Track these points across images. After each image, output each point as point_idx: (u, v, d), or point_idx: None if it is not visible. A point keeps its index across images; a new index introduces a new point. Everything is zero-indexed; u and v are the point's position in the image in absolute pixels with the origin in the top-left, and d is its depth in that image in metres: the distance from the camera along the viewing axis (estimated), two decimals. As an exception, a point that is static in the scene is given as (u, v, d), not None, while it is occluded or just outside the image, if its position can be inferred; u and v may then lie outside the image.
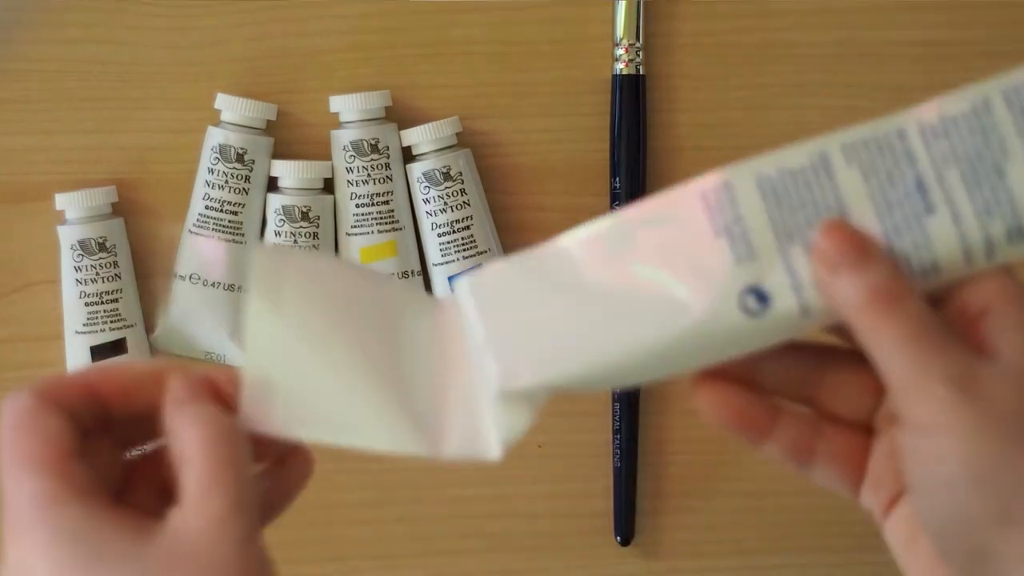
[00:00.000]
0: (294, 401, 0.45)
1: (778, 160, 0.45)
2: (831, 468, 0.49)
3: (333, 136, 0.72)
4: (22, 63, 0.72)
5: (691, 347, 0.45)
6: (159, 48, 0.72)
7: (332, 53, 0.72)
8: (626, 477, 0.73)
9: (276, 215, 0.71)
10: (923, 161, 0.44)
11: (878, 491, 0.49)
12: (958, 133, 0.44)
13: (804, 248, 0.44)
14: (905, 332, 0.43)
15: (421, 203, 0.71)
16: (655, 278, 0.45)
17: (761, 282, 0.44)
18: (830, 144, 0.44)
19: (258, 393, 0.44)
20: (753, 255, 0.44)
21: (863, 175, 0.44)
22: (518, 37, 0.73)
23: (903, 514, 0.48)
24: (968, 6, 0.73)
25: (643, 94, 0.72)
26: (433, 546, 0.74)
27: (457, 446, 0.46)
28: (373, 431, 0.46)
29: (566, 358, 0.45)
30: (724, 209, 0.44)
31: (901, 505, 0.48)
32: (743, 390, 0.48)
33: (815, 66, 0.74)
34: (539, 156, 0.73)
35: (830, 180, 0.44)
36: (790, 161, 0.45)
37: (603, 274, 0.45)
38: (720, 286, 0.44)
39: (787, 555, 0.74)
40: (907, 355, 0.43)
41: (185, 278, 0.71)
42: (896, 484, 0.48)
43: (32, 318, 0.72)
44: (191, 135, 0.72)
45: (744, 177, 0.45)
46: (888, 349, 0.43)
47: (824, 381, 0.48)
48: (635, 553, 0.74)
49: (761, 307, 0.44)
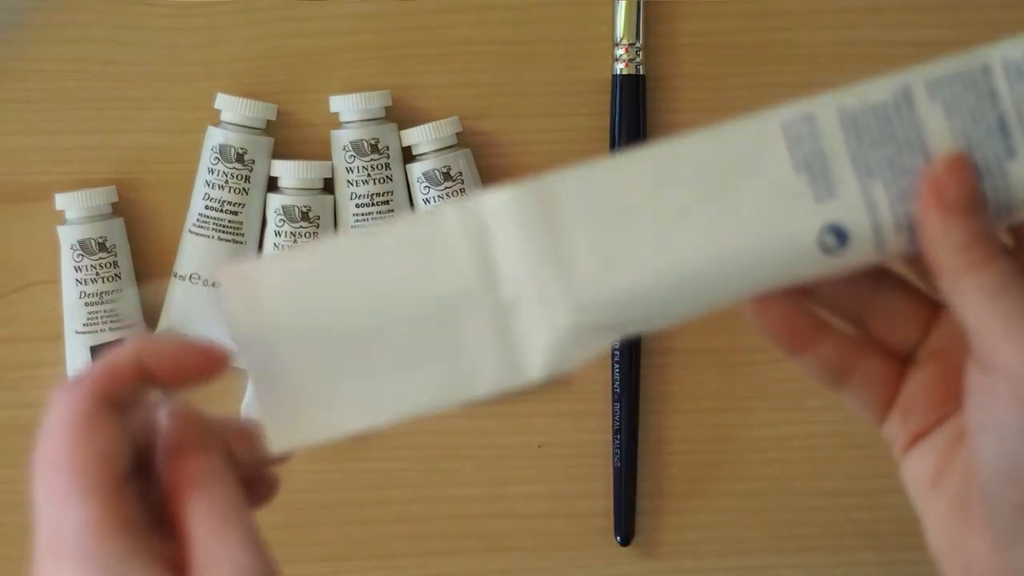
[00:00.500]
0: (316, 407, 0.44)
1: (861, 93, 0.44)
2: (864, 390, 0.49)
3: (333, 136, 0.72)
4: (22, 63, 0.72)
5: (762, 277, 0.44)
6: (159, 48, 0.72)
7: (332, 53, 0.72)
8: (626, 477, 0.73)
9: (276, 215, 0.71)
10: (1006, 100, 0.43)
11: (906, 421, 0.48)
12: None
13: (884, 185, 0.43)
14: (1002, 280, 0.43)
15: (421, 203, 0.71)
16: (736, 202, 0.44)
17: (841, 220, 0.44)
18: (913, 78, 0.44)
19: (277, 416, 0.43)
20: (833, 192, 0.44)
21: (946, 112, 0.43)
22: (518, 37, 0.73)
23: (930, 449, 0.48)
24: (968, 6, 0.73)
25: (643, 94, 0.72)
26: (433, 546, 0.74)
27: (491, 381, 0.44)
28: (404, 399, 0.44)
29: (641, 266, 0.43)
30: (805, 142, 0.44)
31: (927, 441, 0.48)
32: (791, 300, 0.47)
33: (815, 66, 0.74)
34: (539, 156, 0.73)
35: (912, 115, 0.43)
36: (873, 95, 0.44)
37: (694, 187, 0.44)
38: (799, 222, 0.44)
39: (787, 555, 0.74)
40: (1002, 302, 0.43)
41: (185, 278, 0.71)
42: (926, 418, 0.48)
43: (32, 318, 0.72)
44: (191, 135, 0.72)
45: (827, 109, 0.44)
46: (982, 295, 0.43)
47: (875, 304, 0.48)
48: (635, 553, 0.74)
49: (839, 245, 0.44)
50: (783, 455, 0.74)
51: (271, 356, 0.44)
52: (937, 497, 0.47)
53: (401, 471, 0.74)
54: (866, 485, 0.74)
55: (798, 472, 0.74)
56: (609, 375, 0.73)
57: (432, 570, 0.74)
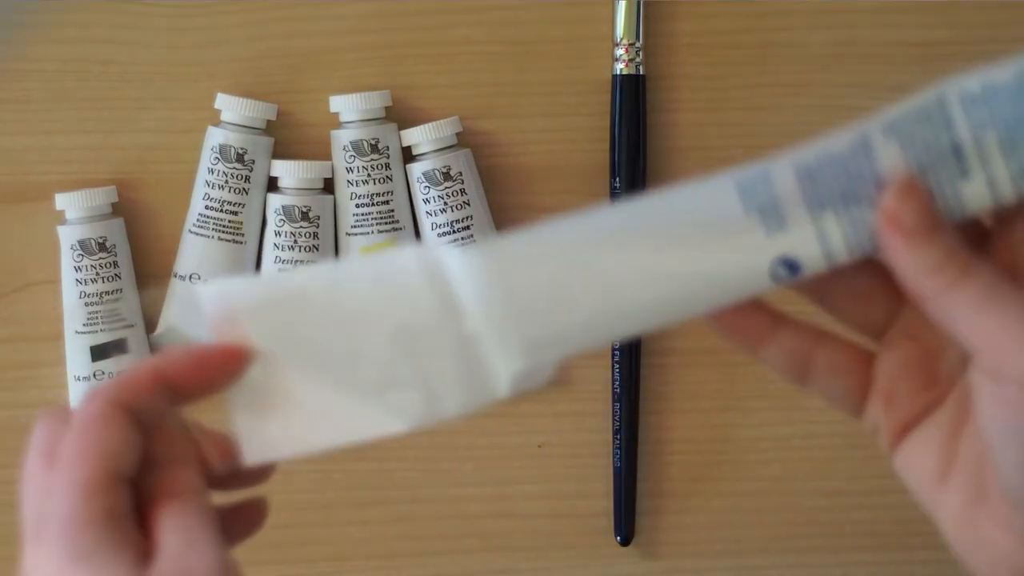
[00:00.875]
0: (288, 423, 0.46)
1: (819, 148, 0.44)
2: (832, 379, 0.48)
3: (333, 136, 0.72)
4: (22, 63, 0.72)
5: (715, 305, 0.46)
6: (159, 48, 0.72)
7: (332, 53, 0.72)
8: (626, 477, 0.73)
9: (276, 215, 0.71)
10: (962, 127, 0.43)
11: (889, 408, 0.48)
12: (998, 100, 0.43)
13: (836, 214, 0.44)
14: (986, 290, 0.43)
15: (421, 203, 0.71)
16: (686, 244, 0.45)
17: (793, 252, 0.44)
18: (871, 127, 0.44)
19: (250, 430, 0.46)
20: (784, 226, 0.44)
21: (901, 145, 0.44)
22: (518, 37, 0.73)
23: (927, 441, 0.47)
24: (968, 6, 0.73)
25: (643, 94, 0.72)
26: (433, 546, 0.74)
27: (459, 402, 0.46)
28: (374, 419, 0.46)
29: (592, 306, 0.45)
30: (758, 191, 0.44)
31: (921, 432, 0.47)
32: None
33: (815, 66, 0.74)
34: (539, 156, 0.73)
35: (868, 155, 0.44)
36: (831, 147, 0.44)
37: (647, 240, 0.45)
38: (750, 257, 0.44)
39: (787, 555, 0.74)
40: (995, 310, 0.43)
41: (185, 278, 0.71)
42: (912, 406, 0.47)
43: (32, 318, 0.72)
44: (191, 135, 0.72)
45: (783, 166, 0.44)
46: (970, 309, 0.43)
47: (841, 283, 0.47)
48: (635, 553, 0.74)
49: (791, 275, 0.44)
50: (783, 455, 0.74)
51: (247, 373, 0.46)
52: (949, 494, 0.46)
53: (401, 471, 0.74)
54: (866, 485, 0.74)
55: (798, 472, 0.74)
56: (609, 375, 0.73)
57: (432, 570, 0.74)
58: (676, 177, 0.72)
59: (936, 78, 0.76)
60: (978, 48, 0.73)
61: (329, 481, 0.74)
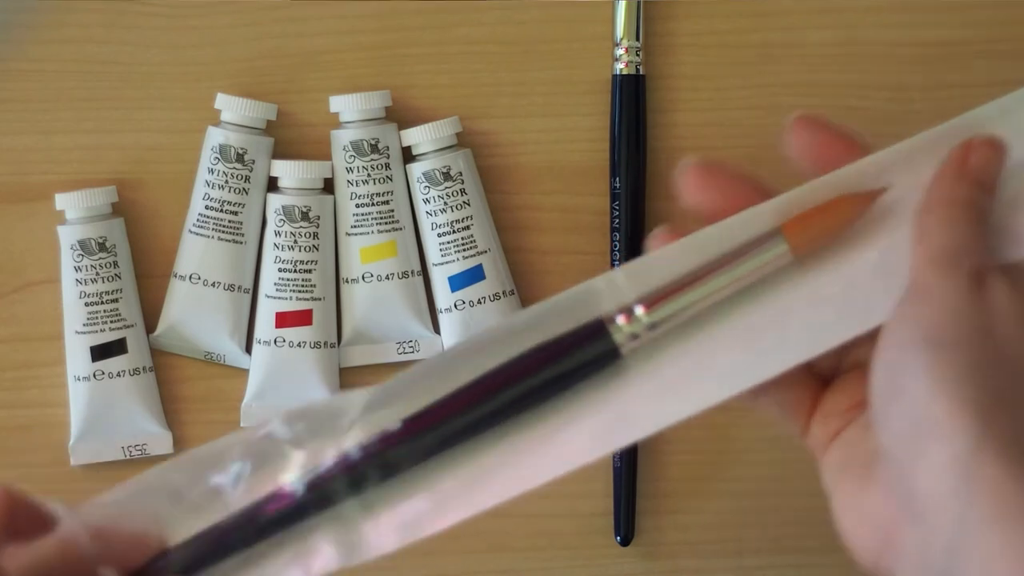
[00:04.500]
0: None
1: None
2: (786, 394, 0.50)
3: (333, 136, 0.72)
4: (22, 63, 0.72)
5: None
6: (159, 48, 0.72)
7: (332, 53, 0.72)
8: (626, 477, 0.73)
9: (276, 215, 0.71)
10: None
11: (825, 425, 0.50)
12: None
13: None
14: (965, 223, 0.46)
15: (421, 203, 0.71)
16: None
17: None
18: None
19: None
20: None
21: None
22: (518, 37, 0.73)
23: (843, 441, 0.49)
24: (968, 6, 0.73)
25: (643, 94, 0.72)
26: (433, 546, 0.74)
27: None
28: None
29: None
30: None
31: (842, 435, 0.49)
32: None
33: (815, 66, 0.74)
34: (539, 156, 0.73)
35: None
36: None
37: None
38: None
39: (787, 555, 0.74)
40: (954, 234, 0.46)
41: (185, 278, 0.71)
42: (842, 418, 0.49)
43: (32, 318, 0.72)
44: (191, 135, 0.72)
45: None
46: (944, 224, 0.46)
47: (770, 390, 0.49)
48: (635, 553, 0.74)
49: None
50: (783, 455, 0.74)
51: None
52: (846, 476, 0.48)
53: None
54: (866, 485, 0.74)
55: (798, 472, 0.74)
56: (609, 375, 0.73)
57: (432, 570, 0.74)
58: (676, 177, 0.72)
59: (936, 78, 0.76)
60: (978, 48, 0.73)
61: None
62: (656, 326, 0.48)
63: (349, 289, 0.72)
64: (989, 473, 0.42)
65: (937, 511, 0.43)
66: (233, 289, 0.71)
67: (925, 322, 0.45)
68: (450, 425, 0.48)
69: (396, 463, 0.48)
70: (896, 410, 0.45)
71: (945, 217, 0.46)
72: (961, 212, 0.46)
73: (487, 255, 0.71)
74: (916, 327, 0.45)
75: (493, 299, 0.71)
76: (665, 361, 0.48)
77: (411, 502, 0.49)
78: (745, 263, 0.48)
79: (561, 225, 0.73)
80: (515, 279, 0.73)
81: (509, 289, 0.72)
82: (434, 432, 0.48)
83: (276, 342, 0.71)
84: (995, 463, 0.42)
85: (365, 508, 0.48)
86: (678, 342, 0.48)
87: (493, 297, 0.71)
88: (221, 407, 0.73)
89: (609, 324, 0.48)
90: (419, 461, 0.48)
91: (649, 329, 0.48)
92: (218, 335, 0.72)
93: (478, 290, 0.71)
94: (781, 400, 0.51)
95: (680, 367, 0.48)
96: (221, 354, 0.72)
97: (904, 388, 0.44)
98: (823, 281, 0.48)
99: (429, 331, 0.72)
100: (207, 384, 0.73)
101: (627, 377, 0.48)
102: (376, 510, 0.48)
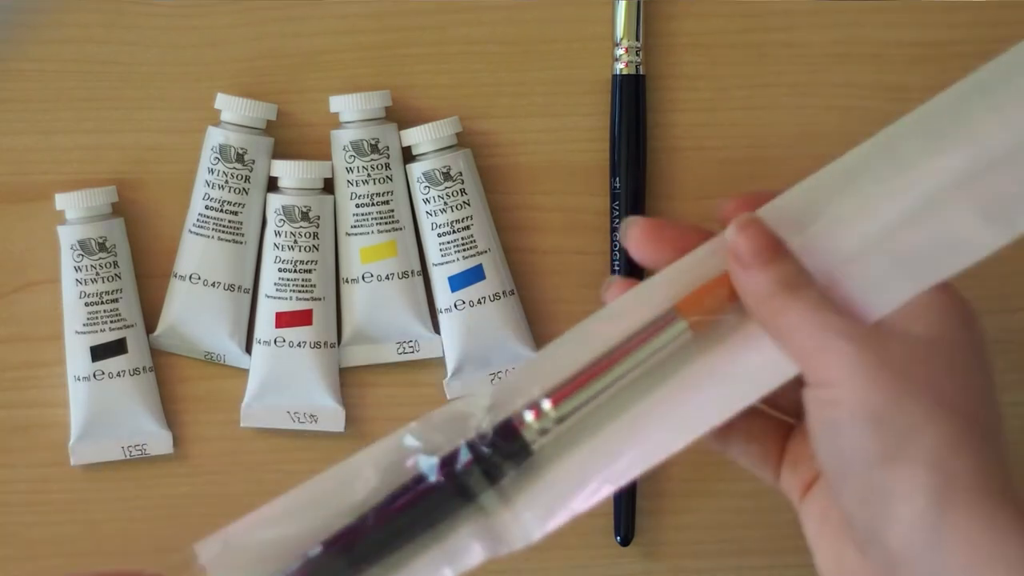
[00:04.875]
0: None
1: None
2: (749, 446, 0.52)
3: (333, 136, 0.72)
4: (22, 63, 0.72)
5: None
6: (159, 48, 0.72)
7: (332, 53, 0.72)
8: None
9: (276, 215, 0.71)
10: None
11: (795, 471, 0.51)
12: None
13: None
14: (809, 306, 0.46)
15: (421, 203, 0.71)
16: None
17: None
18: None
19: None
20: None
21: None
22: (518, 37, 0.73)
23: (820, 492, 0.50)
24: (968, 6, 0.73)
25: (643, 94, 0.72)
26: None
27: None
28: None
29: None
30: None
31: (818, 485, 0.50)
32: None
33: (815, 66, 0.73)
34: (539, 156, 0.73)
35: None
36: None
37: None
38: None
39: (787, 555, 0.74)
40: (811, 324, 0.46)
41: (185, 278, 0.71)
42: (812, 464, 0.50)
43: (32, 318, 0.72)
44: (191, 135, 0.72)
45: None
46: (793, 324, 0.46)
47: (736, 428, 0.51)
48: (635, 553, 0.74)
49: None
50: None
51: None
52: (825, 532, 0.49)
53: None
54: (866, 485, 0.74)
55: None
56: (609, 375, 0.73)
57: (432, 570, 0.74)
58: (676, 177, 0.72)
59: (936, 78, 0.76)
60: (978, 48, 0.73)
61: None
62: (564, 419, 0.49)
63: (349, 289, 0.72)
64: (957, 521, 0.43)
65: (914, 566, 0.44)
66: (233, 289, 0.71)
67: (838, 406, 0.45)
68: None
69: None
70: (849, 485, 0.46)
71: (775, 312, 0.47)
72: (783, 299, 0.47)
73: (487, 255, 0.71)
74: (834, 410, 0.46)
75: (493, 299, 0.71)
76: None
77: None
78: (645, 347, 0.49)
79: (561, 225, 0.73)
80: (515, 279, 0.73)
81: (509, 289, 0.72)
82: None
83: (276, 342, 0.71)
84: (961, 510, 0.43)
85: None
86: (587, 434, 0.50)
87: (493, 297, 0.71)
88: (221, 407, 0.73)
89: (518, 424, 0.49)
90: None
91: (557, 423, 0.49)
92: (218, 335, 0.72)
93: (478, 290, 0.71)
94: (746, 451, 0.52)
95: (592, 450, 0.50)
96: (221, 354, 0.72)
97: (849, 464, 0.45)
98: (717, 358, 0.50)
99: (429, 331, 0.72)
100: (207, 384, 0.73)
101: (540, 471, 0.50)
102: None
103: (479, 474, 0.49)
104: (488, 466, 0.49)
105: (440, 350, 0.72)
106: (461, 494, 0.49)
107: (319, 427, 0.72)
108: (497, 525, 0.49)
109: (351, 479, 0.49)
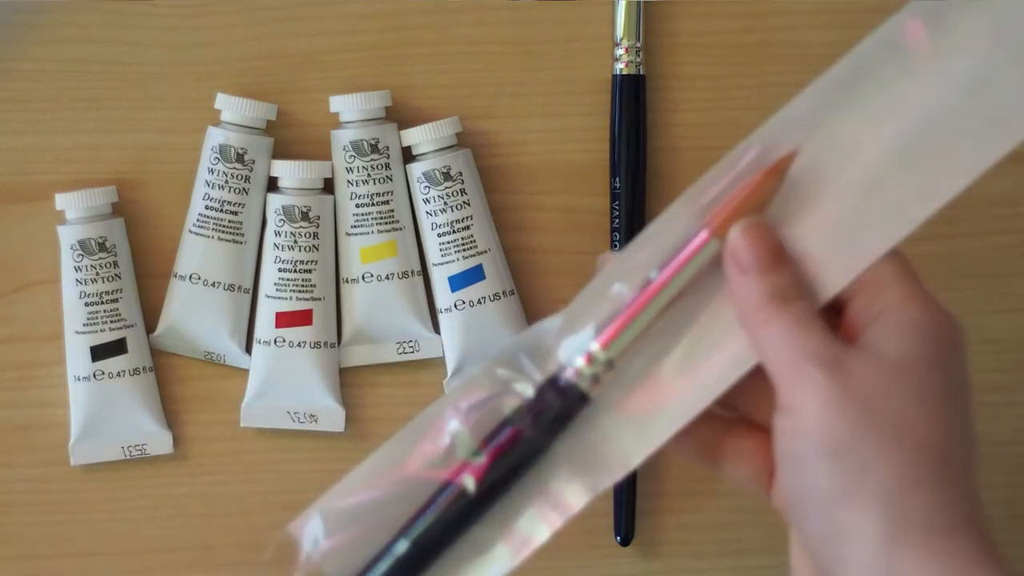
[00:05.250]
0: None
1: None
2: (741, 466, 0.51)
3: (333, 136, 0.72)
4: (22, 63, 0.72)
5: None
6: (159, 48, 0.72)
7: (332, 53, 0.72)
8: (626, 477, 0.73)
9: (276, 215, 0.71)
10: None
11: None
12: None
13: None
14: (792, 321, 0.46)
15: (421, 203, 0.71)
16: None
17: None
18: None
19: None
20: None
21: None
22: (518, 37, 0.73)
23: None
24: (968, 6, 0.73)
25: (643, 94, 0.72)
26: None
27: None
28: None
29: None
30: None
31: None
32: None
33: (815, 66, 0.73)
34: (539, 156, 0.73)
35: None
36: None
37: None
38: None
39: (787, 555, 0.74)
40: (789, 343, 0.46)
41: (185, 278, 0.71)
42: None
43: (32, 318, 0.72)
44: (191, 135, 0.72)
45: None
46: (772, 339, 0.46)
47: (743, 386, 0.50)
48: (635, 553, 0.74)
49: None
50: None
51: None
52: (801, 565, 0.50)
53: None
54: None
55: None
56: (609, 375, 0.73)
57: (432, 570, 0.74)
58: (676, 177, 0.72)
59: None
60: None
61: (331, 481, 0.73)
62: (612, 364, 0.49)
63: (349, 289, 0.72)
64: (906, 562, 0.43)
65: None
66: (233, 289, 0.71)
67: (800, 438, 0.45)
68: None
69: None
70: (810, 522, 0.46)
71: (760, 323, 0.47)
72: (770, 311, 0.47)
73: (487, 255, 0.71)
74: (797, 441, 0.45)
75: (493, 299, 0.71)
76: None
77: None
78: (684, 273, 0.49)
79: (561, 225, 0.73)
80: (515, 279, 0.73)
81: (509, 289, 0.72)
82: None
83: (276, 342, 0.71)
84: (910, 551, 0.43)
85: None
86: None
87: (493, 297, 0.71)
88: (221, 407, 0.73)
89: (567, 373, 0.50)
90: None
91: (608, 367, 0.49)
92: (218, 335, 0.72)
93: (478, 290, 0.71)
94: (735, 471, 0.52)
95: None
96: (221, 354, 0.72)
97: (805, 499, 0.45)
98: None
99: (429, 331, 0.72)
100: (207, 384, 0.73)
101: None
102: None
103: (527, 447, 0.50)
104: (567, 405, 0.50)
105: (440, 350, 0.72)
106: (551, 434, 0.50)
107: (319, 427, 0.72)
108: (592, 457, 0.50)
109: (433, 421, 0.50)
